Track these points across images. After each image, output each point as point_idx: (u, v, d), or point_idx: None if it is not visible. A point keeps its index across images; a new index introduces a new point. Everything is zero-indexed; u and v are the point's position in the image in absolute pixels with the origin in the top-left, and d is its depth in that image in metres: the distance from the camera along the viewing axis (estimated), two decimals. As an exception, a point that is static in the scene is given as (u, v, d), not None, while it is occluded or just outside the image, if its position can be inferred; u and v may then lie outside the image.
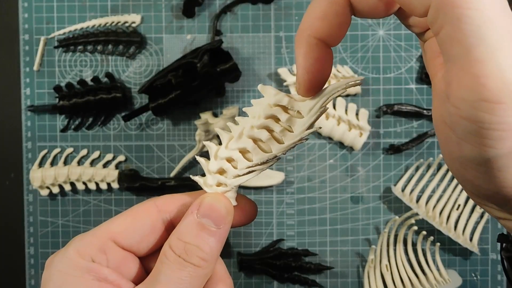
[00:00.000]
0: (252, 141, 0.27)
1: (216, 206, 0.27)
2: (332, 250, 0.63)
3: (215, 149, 0.28)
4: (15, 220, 0.63)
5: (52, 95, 0.63)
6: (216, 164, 0.28)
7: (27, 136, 0.63)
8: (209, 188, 0.28)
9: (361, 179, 0.63)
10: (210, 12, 0.63)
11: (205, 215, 0.27)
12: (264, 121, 0.27)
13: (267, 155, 0.27)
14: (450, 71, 0.19)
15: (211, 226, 0.26)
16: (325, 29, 0.23)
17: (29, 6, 0.63)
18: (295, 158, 0.63)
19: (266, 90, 0.27)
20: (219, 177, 0.28)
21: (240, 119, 0.28)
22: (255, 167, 0.27)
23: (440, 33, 0.19)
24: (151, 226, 0.28)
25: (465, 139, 0.20)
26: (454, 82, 0.19)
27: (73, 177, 0.61)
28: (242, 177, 0.28)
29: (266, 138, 0.27)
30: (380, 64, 0.63)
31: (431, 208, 0.61)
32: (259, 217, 0.63)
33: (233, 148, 0.28)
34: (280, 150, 0.27)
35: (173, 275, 0.26)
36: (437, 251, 0.61)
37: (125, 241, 0.27)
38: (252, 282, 0.63)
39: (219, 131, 0.29)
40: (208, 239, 0.26)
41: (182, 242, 0.26)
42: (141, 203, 0.29)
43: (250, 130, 0.27)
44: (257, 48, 0.63)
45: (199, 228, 0.26)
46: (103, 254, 0.27)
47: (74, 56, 0.63)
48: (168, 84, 0.59)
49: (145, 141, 0.63)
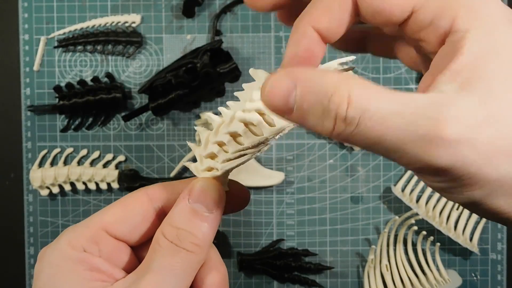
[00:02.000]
0: (244, 125, 0.27)
1: (207, 191, 0.27)
2: (332, 250, 0.63)
3: (206, 134, 0.28)
4: (15, 220, 0.63)
5: (52, 95, 0.63)
6: (207, 149, 0.28)
7: (27, 136, 0.63)
8: (200, 173, 0.28)
9: (361, 179, 0.63)
10: (210, 12, 0.63)
11: (197, 200, 0.26)
12: (255, 104, 0.26)
13: (258, 138, 0.26)
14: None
15: (204, 212, 0.26)
16: (324, 21, 0.23)
17: (29, 6, 0.63)
18: (295, 158, 0.63)
19: (257, 74, 0.27)
20: (210, 161, 0.28)
21: (231, 103, 0.28)
22: (246, 151, 0.27)
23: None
24: (142, 215, 0.28)
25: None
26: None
27: (73, 177, 0.61)
28: (233, 161, 0.27)
29: (258, 121, 0.26)
30: (380, 64, 0.63)
31: (431, 208, 0.61)
32: (259, 217, 0.63)
33: (224, 132, 0.27)
34: (271, 133, 0.26)
35: (165, 261, 0.25)
36: (437, 251, 0.61)
37: (117, 230, 0.27)
38: (252, 282, 0.63)
39: (210, 115, 0.28)
40: (201, 225, 0.26)
41: (175, 228, 0.26)
42: (132, 193, 0.29)
43: (242, 113, 0.27)
44: (257, 48, 0.63)
45: (192, 214, 0.26)
46: (95, 244, 0.27)
47: (74, 56, 0.63)
48: (168, 84, 0.59)
49: (145, 141, 0.63)
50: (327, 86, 0.21)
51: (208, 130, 0.28)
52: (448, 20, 0.22)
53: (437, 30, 0.23)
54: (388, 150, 0.21)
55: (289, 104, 0.21)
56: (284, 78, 0.21)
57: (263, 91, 0.22)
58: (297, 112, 0.21)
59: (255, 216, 0.63)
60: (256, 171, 0.62)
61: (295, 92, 0.21)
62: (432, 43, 0.23)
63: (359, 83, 0.21)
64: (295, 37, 0.24)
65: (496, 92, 0.21)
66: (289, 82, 0.21)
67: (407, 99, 0.21)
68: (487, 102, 0.21)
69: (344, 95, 0.20)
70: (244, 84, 0.27)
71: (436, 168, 0.21)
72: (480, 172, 0.21)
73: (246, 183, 0.62)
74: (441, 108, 0.21)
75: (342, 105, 0.20)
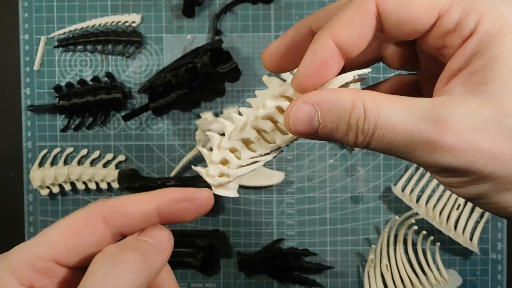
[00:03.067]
0: (256, 131, 0.27)
1: (160, 233, 0.25)
2: (332, 250, 0.63)
3: (218, 140, 0.28)
4: (15, 220, 0.63)
5: (52, 95, 0.63)
6: (219, 155, 0.28)
7: (27, 136, 0.63)
8: (211, 178, 0.28)
9: (361, 179, 0.63)
10: (210, 12, 0.63)
11: (146, 236, 0.25)
12: (268, 111, 0.26)
13: (271, 145, 0.27)
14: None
15: (151, 242, 0.25)
16: (345, 34, 0.23)
17: (29, 6, 0.63)
18: (295, 158, 0.63)
19: (271, 81, 0.27)
20: (222, 167, 0.28)
21: (244, 109, 0.28)
22: (258, 158, 0.27)
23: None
24: (97, 244, 0.25)
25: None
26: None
27: (73, 177, 0.61)
28: (245, 168, 0.27)
29: (270, 129, 0.27)
30: (380, 64, 0.63)
31: (431, 208, 0.61)
32: (259, 217, 0.63)
33: (236, 138, 0.27)
34: (284, 141, 0.26)
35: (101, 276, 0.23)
36: (437, 251, 0.61)
37: (68, 260, 0.25)
38: (252, 282, 0.63)
39: (222, 121, 0.28)
40: (147, 248, 0.25)
41: (117, 246, 0.24)
42: (84, 213, 0.25)
43: (254, 120, 0.27)
44: (257, 48, 0.63)
45: (138, 240, 0.25)
46: (46, 277, 0.24)
47: (74, 56, 0.63)
48: (168, 84, 0.59)
49: (145, 141, 0.63)
50: (346, 105, 0.23)
51: (219, 136, 0.28)
52: (473, 22, 0.22)
53: (462, 33, 0.22)
54: (401, 154, 0.23)
55: (314, 127, 0.23)
56: (303, 104, 0.23)
57: (286, 119, 0.24)
58: (322, 131, 0.24)
59: (255, 216, 0.63)
60: (256, 171, 0.61)
61: (317, 115, 0.23)
62: (455, 47, 0.23)
63: (369, 96, 0.23)
64: (314, 47, 0.24)
65: (505, 93, 0.21)
66: (309, 107, 0.23)
67: (413, 105, 0.22)
68: (497, 103, 0.21)
69: (361, 110, 0.22)
70: (257, 91, 0.28)
71: (443, 167, 0.22)
72: (486, 169, 0.22)
73: (246, 183, 0.62)
74: (442, 111, 0.21)
75: (360, 119, 0.22)
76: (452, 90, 0.22)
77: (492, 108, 0.21)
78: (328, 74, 0.24)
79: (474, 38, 0.22)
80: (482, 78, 0.22)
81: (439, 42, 0.24)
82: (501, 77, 0.21)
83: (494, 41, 0.22)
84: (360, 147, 0.24)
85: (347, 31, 0.23)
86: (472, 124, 0.21)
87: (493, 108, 0.21)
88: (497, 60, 0.21)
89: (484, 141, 0.21)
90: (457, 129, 0.21)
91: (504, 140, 0.21)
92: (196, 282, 0.63)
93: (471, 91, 0.22)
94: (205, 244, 0.61)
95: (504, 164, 0.21)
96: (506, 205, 0.23)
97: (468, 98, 0.22)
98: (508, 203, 0.23)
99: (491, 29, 0.22)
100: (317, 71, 0.24)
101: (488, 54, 0.22)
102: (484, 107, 0.21)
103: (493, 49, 0.21)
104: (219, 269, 0.63)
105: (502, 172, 0.22)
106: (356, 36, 0.23)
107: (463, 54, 0.22)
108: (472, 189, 0.23)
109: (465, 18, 0.22)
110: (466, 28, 0.22)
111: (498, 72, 0.21)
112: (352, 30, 0.23)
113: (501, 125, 0.21)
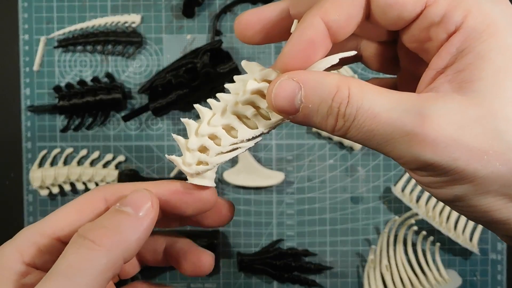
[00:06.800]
0: (237, 117, 0.26)
1: (140, 198, 0.25)
2: (332, 250, 0.63)
3: (195, 126, 0.27)
4: (15, 220, 0.63)
5: (52, 95, 0.63)
6: (197, 141, 0.27)
7: (27, 136, 0.63)
8: (187, 167, 0.27)
9: (361, 179, 0.63)
10: (210, 12, 0.63)
11: (126, 204, 0.25)
12: (250, 96, 0.25)
13: (253, 131, 0.26)
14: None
15: (129, 211, 0.25)
16: (333, 13, 0.23)
17: (29, 6, 0.63)
18: (295, 158, 0.63)
19: (251, 66, 0.26)
20: (200, 155, 0.27)
21: (221, 95, 0.27)
22: (240, 144, 0.26)
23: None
24: None
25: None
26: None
27: (73, 177, 0.61)
28: (226, 155, 0.26)
29: (252, 114, 0.26)
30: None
31: (431, 208, 0.61)
32: (259, 217, 0.63)
33: (216, 124, 0.26)
34: (267, 126, 0.26)
35: (66, 262, 0.23)
36: (437, 251, 0.61)
37: (69, 238, 0.25)
38: (252, 282, 0.63)
39: (198, 107, 0.27)
40: (121, 222, 0.24)
41: (90, 224, 0.24)
42: (88, 194, 0.27)
43: (235, 106, 0.26)
44: (257, 48, 0.63)
45: (115, 212, 0.25)
46: (48, 255, 0.25)
47: (74, 56, 0.63)
48: (168, 84, 0.59)
49: (145, 141, 0.63)
50: (330, 87, 0.22)
51: (195, 122, 0.27)
52: (460, 17, 0.22)
53: (448, 27, 0.22)
54: (380, 144, 0.22)
55: (295, 105, 0.23)
56: (289, 80, 0.23)
57: (269, 94, 0.23)
58: (303, 112, 0.23)
59: (255, 216, 0.63)
60: (256, 171, 0.62)
61: (300, 94, 0.22)
62: (439, 41, 0.23)
63: (356, 83, 0.22)
64: (301, 26, 0.23)
65: (492, 92, 0.21)
66: (294, 84, 0.23)
67: (398, 97, 0.22)
68: (483, 102, 0.21)
69: (345, 94, 0.22)
70: (235, 76, 0.27)
71: (422, 163, 0.22)
72: (468, 168, 0.21)
73: (246, 183, 0.62)
74: (428, 106, 0.21)
75: (343, 103, 0.22)
76: (439, 87, 0.22)
77: (478, 107, 0.21)
78: (314, 55, 0.24)
79: (460, 34, 0.22)
80: (469, 76, 0.21)
81: (423, 34, 0.23)
82: (488, 76, 0.21)
83: (481, 39, 0.21)
84: (337, 134, 0.23)
85: (336, 10, 0.23)
86: (457, 121, 0.21)
87: (479, 107, 0.21)
88: (484, 58, 0.21)
89: (468, 139, 0.21)
90: (441, 124, 0.21)
91: (488, 140, 0.21)
92: (196, 282, 0.63)
93: (457, 89, 0.21)
94: (205, 244, 0.61)
95: (487, 165, 0.21)
96: (485, 208, 0.22)
97: (455, 95, 0.21)
98: (487, 206, 0.22)
99: (478, 27, 0.21)
100: (304, 51, 0.23)
101: (475, 52, 0.21)
102: (470, 106, 0.21)
103: (480, 47, 0.21)
104: (219, 269, 0.63)
105: (484, 173, 0.21)
106: (345, 16, 0.23)
107: (448, 50, 0.22)
108: (451, 190, 0.22)
109: (452, 11, 0.22)
110: (451, 23, 0.22)
111: (485, 71, 0.21)
112: (341, 10, 0.23)
113: (486, 124, 0.21)
